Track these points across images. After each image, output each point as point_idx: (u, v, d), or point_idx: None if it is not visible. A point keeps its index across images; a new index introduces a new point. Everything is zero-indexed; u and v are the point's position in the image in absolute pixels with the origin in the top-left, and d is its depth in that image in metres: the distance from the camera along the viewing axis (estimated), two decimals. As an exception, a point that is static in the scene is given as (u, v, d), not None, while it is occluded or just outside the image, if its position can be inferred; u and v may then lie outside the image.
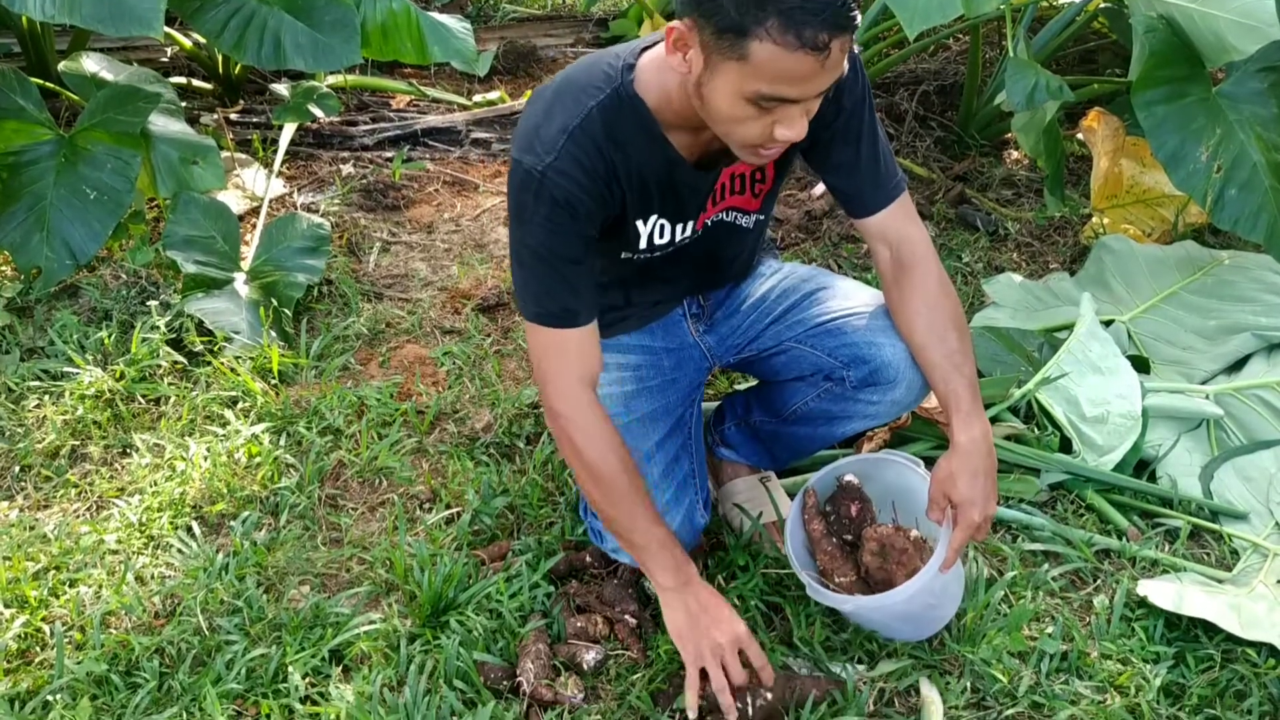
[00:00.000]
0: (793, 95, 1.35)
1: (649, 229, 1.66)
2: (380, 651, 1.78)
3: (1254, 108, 2.47)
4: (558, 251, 1.54)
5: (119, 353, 2.47)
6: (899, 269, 1.71)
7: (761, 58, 1.31)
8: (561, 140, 1.48)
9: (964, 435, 1.62)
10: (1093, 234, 2.97)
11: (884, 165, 1.69)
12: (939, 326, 1.67)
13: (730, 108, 1.39)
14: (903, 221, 1.71)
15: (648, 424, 1.81)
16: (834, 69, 1.34)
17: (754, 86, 1.34)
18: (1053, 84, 2.49)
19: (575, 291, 1.57)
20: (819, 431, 1.89)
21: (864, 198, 1.71)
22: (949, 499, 1.63)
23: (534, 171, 1.49)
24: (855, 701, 1.69)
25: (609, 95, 1.51)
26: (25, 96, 2.67)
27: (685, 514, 1.79)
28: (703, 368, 1.94)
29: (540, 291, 1.57)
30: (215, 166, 2.83)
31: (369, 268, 2.94)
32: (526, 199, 1.51)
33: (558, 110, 1.51)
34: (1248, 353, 2.42)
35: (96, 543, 1.98)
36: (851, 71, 1.59)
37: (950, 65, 3.96)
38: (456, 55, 2.95)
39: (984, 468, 1.61)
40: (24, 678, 1.73)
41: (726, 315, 1.92)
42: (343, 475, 2.19)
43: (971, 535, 1.62)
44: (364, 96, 3.82)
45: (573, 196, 1.50)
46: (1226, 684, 1.76)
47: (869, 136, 1.67)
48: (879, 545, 1.74)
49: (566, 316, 1.58)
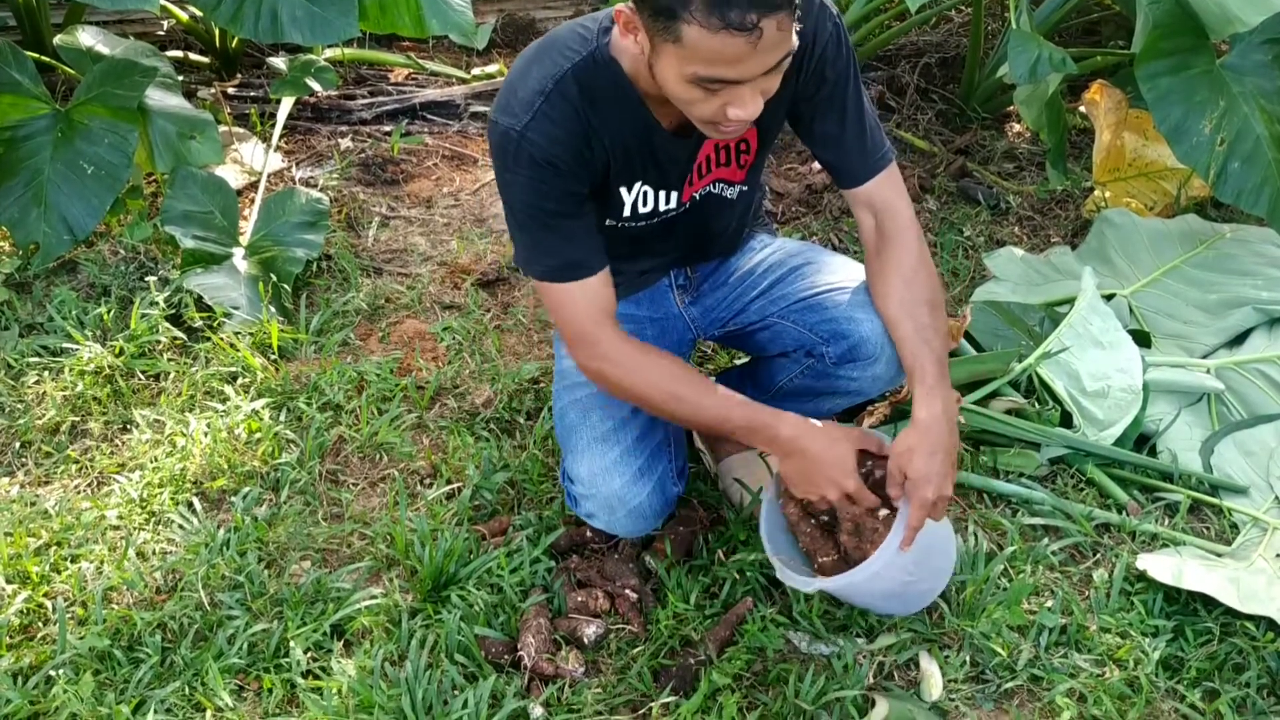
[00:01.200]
0: (731, 76, 1.34)
1: (633, 196, 1.66)
2: (381, 626, 1.78)
3: (1258, 80, 2.45)
4: (547, 208, 1.56)
5: (118, 328, 2.46)
6: (881, 240, 1.72)
7: (692, 40, 1.30)
8: (538, 101, 1.50)
9: (925, 410, 1.60)
10: (1094, 207, 2.96)
11: (870, 137, 1.69)
12: (911, 302, 1.67)
13: (677, 89, 1.39)
14: (888, 193, 1.71)
15: None
16: (772, 48, 1.32)
17: (691, 69, 1.34)
18: (1055, 56, 2.47)
19: (574, 242, 1.59)
20: (805, 408, 1.88)
21: (850, 169, 1.71)
22: (904, 475, 1.60)
23: (511, 132, 1.50)
24: (854, 674, 1.70)
25: (584, 58, 1.52)
26: (21, 71, 2.66)
27: (657, 482, 1.78)
28: (686, 339, 1.94)
29: (537, 250, 1.59)
30: (213, 141, 2.82)
31: (368, 243, 2.93)
32: (506, 160, 1.53)
33: (535, 71, 1.52)
34: (1249, 327, 2.41)
35: (98, 519, 1.98)
36: (835, 44, 1.59)
37: (952, 37, 3.93)
38: (454, 28, 2.93)
39: (943, 445, 1.59)
40: (27, 653, 1.74)
41: (713, 288, 1.92)
42: (343, 451, 2.19)
43: (928, 513, 1.58)
44: (362, 70, 3.80)
45: (552, 155, 1.51)
46: (1225, 657, 1.77)
47: (854, 108, 1.66)
48: (853, 525, 1.72)
49: (572, 269, 1.59)
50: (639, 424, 1.79)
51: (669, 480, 1.82)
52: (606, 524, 1.80)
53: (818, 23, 1.58)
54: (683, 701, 1.66)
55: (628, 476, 1.75)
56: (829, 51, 1.59)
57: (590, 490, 1.77)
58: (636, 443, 1.78)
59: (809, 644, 1.77)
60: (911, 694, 1.71)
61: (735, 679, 1.70)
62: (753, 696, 1.70)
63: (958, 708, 1.70)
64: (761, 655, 1.75)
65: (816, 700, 1.67)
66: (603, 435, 1.77)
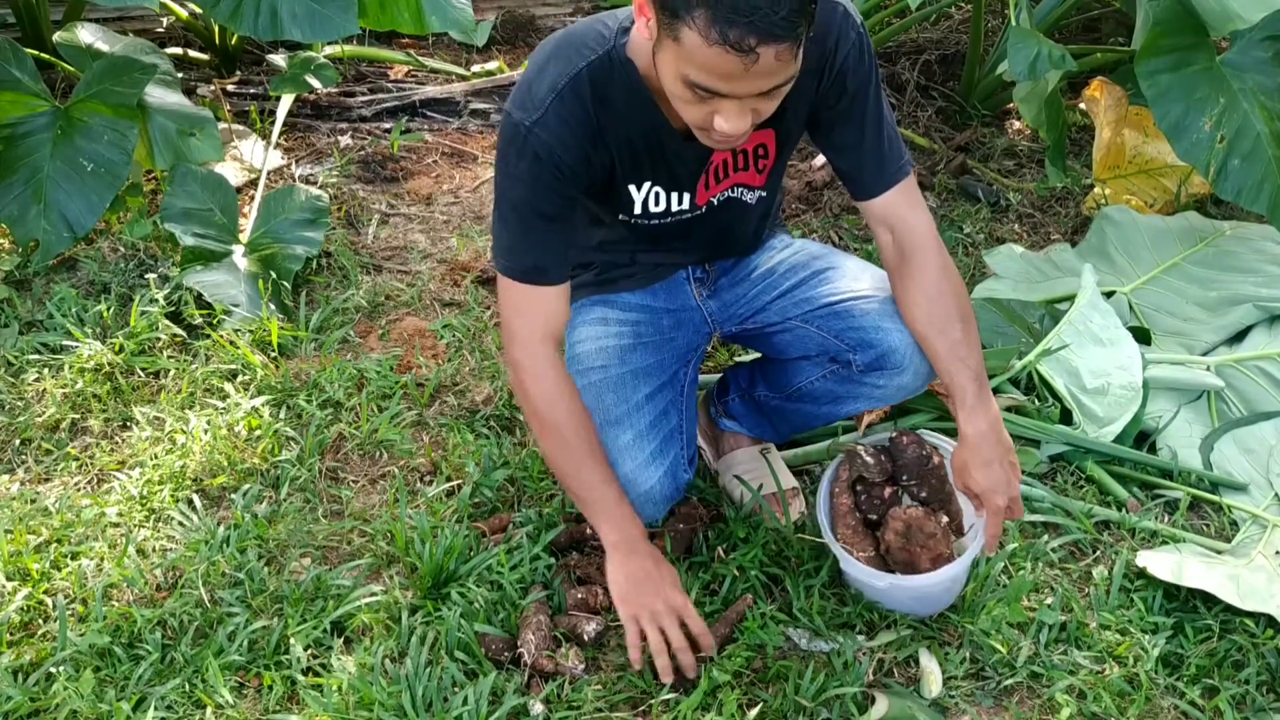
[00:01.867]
0: (722, 90, 1.34)
1: (643, 195, 1.67)
2: (382, 623, 1.78)
3: (1258, 77, 2.45)
4: (536, 207, 1.57)
5: (118, 326, 2.46)
6: (900, 256, 1.70)
7: (689, 44, 1.30)
8: (550, 98, 1.51)
9: (970, 428, 1.63)
10: (1094, 205, 2.96)
11: (888, 149, 1.68)
12: (939, 318, 1.66)
13: (671, 85, 1.39)
14: (904, 207, 1.70)
15: (640, 377, 1.81)
16: (768, 74, 1.32)
17: (685, 70, 1.34)
18: (1055, 53, 2.47)
19: (547, 249, 1.61)
20: (822, 410, 1.90)
21: (866, 180, 1.70)
22: (969, 491, 1.67)
23: (521, 126, 1.52)
24: (854, 671, 1.70)
25: (600, 57, 1.52)
26: (20, 68, 2.65)
27: (669, 467, 1.78)
28: (703, 332, 1.94)
29: (513, 245, 1.61)
30: (213, 138, 2.81)
31: (368, 240, 2.93)
32: (511, 152, 1.55)
33: (551, 67, 1.53)
34: (1249, 324, 2.41)
35: (98, 516, 1.98)
36: (858, 53, 1.58)
37: (952, 34, 3.93)
38: (454, 25, 2.92)
39: (996, 455, 1.63)
40: (27, 650, 1.74)
41: (732, 284, 1.91)
42: (343, 448, 2.19)
43: (1005, 518, 1.66)
44: (362, 67, 3.80)
45: (555, 153, 1.52)
46: (1224, 654, 1.77)
47: (873, 120, 1.65)
48: (904, 526, 1.73)
49: (535, 273, 1.62)
50: (653, 409, 1.79)
51: (680, 467, 1.81)
52: None
53: (841, 31, 1.56)
54: (683, 699, 1.66)
55: (640, 460, 1.74)
56: (850, 61, 1.58)
57: None
58: (650, 427, 1.77)
59: (809, 641, 1.78)
60: (911, 691, 1.71)
61: (735, 676, 1.70)
62: (753, 693, 1.70)
63: (957, 705, 1.70)
64: (761, 652, 1.75)
65: (816, 697, 1.67)
66: (616, 419, 1.76)
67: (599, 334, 1.83)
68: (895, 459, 1.80)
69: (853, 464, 1.79)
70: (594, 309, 1.87)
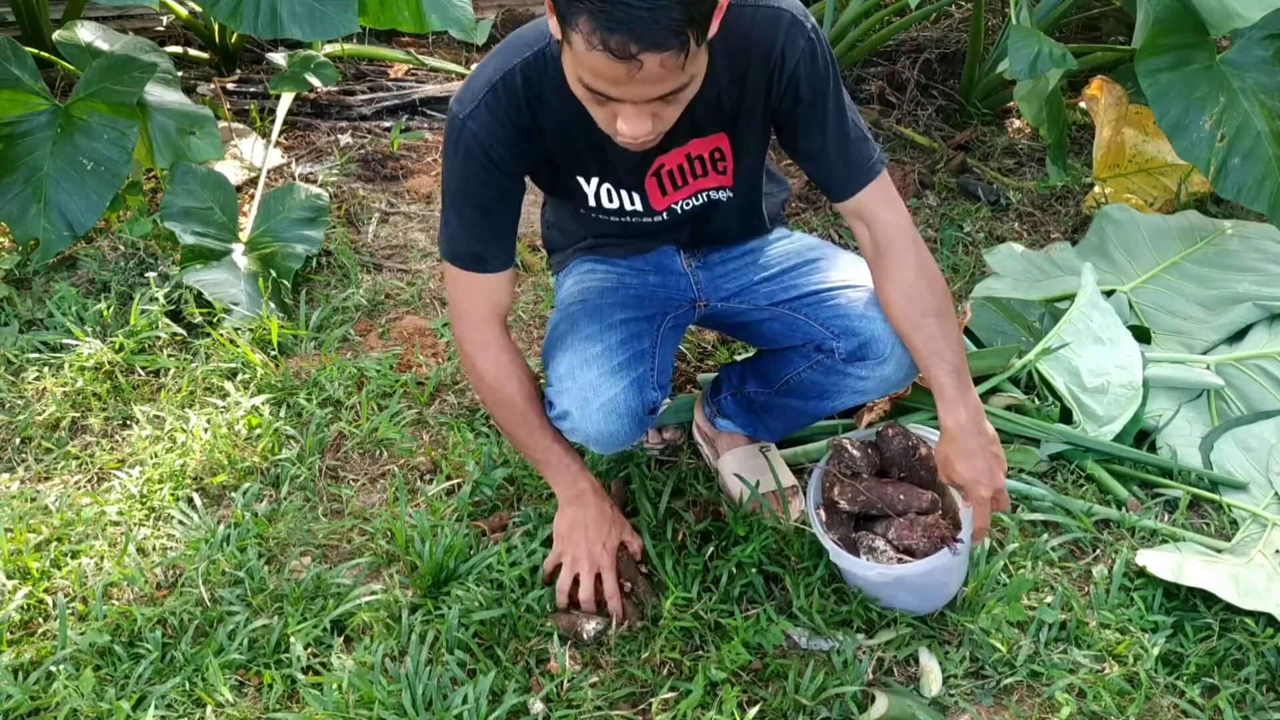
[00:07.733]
0: (613, 94, 1.34)
1: (594, 190, 1.70)
2: (382, 622, 1.78)
3: (1258, 76, 2.45)
4: (471, 198, 1.62)
5: (118, 324, 2.46)
6: (875, 253, 1.70)
7: (577, 48, 1.30)
8: (484, 93, 1.55)
9: (950, 420, 1.63)
10: (1095, 203, 2.96)
11: (854, 150, 1.65)
12: (915, 314, 1.65)
13: (574, 87, 1.40)
14: (877, 205, 1.68)
15: (617, 307, 1.79)
16: (656, 81, 1.31)
17: (579, 73, 1.35)
18: (1055, 52, 2.46)
19: (484, 240, 1.66)
20: (810, 405, 1.90)
21: (836, 183, 1.68)
22: (953, 483, 1.67)
23: (456, 119, 1.57)
24: (854, 670, 1.70)
25: (535, 54, 1.54)
26: (20, 66, 2.65)
27: (635, 380, 1.72)
28: (688, 297, 1.91)
29: (454, 234, 1.66)
30: (212, 137, 2.81)
31: (368, 238, 2.93)
32: (449, 144, 1.61)
33: (490, 63, 1.57)
34: (1249, 323, 2.41)
35: (98, 514, 1.98)
36: (809, 60, 1.56)
37: (952, 33, 3.93)
38: (454, 23, 2.92)
39: (977, 446, 1.62)
40: (27, 649, 1.74)
41: (723, 259, 1.90)
42: (343, 447, 2.19)
43: (991, 509, 1.65)
44: (361, 66, 3.79)
45: (487, 145, 1.56)
46: (1224, 653, 1.77)
47: (835, 124, 1.63)
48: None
49: (475, 262, 1.67)
50: (625, 330, 1.76)
51: (648, 384, 1.75)
52: (579, 423, 1.71)
53: (788, 39, 1.54)
54: (682, 697, 1.66)
55: (605, 369, 1.70)
56: (802, 69, 1.56)
57: (566, 384, 1.70)
58: (620, 344, 1.74)
59: (809, 639, 1.78)
60: (911, 690, 1.71)
61: (735, 674, 1.70)
62: (752, 692, 1.70)
63: (957, 703, 1.70)
64: (761, 651, 1.75)
65: (816, 696, 1.67)
66: (587, 335, 1.74)
67: (584, 279, 1.87)
68: (882, 452, 1.82)
69: (840, 457, 1.80)
70: (584, 264, 1.90)
